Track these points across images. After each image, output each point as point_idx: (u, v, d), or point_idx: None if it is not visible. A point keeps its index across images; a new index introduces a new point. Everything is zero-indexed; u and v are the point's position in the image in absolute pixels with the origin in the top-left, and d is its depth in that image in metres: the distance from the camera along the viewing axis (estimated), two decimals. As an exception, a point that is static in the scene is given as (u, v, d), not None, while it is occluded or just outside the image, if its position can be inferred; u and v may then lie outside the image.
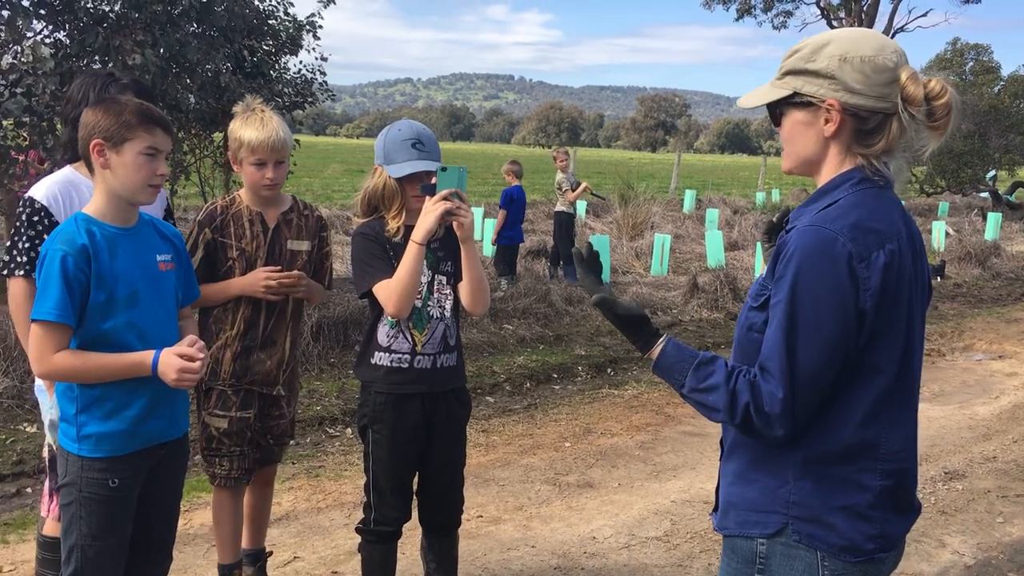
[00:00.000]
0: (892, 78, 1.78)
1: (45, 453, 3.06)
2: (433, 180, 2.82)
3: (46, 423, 2.98)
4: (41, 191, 2.93)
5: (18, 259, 2.87)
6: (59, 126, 3.20)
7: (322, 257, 3.41)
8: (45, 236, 2.82)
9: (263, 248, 3.23)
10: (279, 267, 3.22)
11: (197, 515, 4.29)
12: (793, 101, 1.86)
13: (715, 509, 2.03)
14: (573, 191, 11.54)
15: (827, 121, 1.82)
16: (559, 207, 11.58)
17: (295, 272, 3.22)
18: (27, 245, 2.87)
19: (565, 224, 11.43)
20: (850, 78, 1.78)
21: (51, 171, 3.14)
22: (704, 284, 10.49)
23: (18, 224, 2.91)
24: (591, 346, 8.24)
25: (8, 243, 2.93)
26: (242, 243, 3.22)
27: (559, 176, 11.69)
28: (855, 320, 1.73)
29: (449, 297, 3.05)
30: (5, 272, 2.91)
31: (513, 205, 10.68)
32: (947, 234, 16.19)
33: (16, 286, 2.89)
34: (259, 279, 3.17)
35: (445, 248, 3.04)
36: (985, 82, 24.77)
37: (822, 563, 1.80)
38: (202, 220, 3.22)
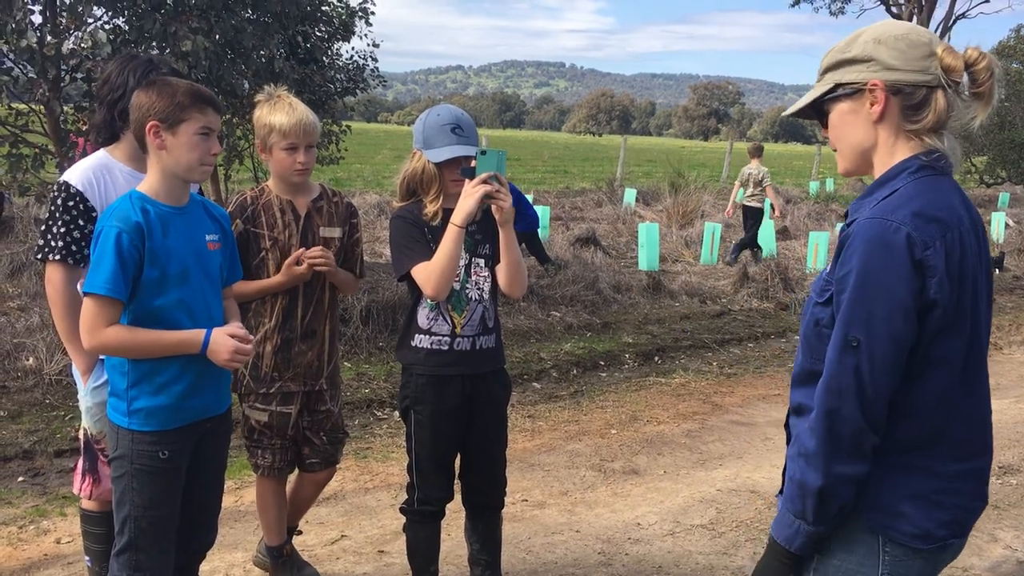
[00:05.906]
0: (928, 52, 1.80)
1: (80, 435, 3.08)
2: (473, 163, 2.83)
3: (82, 408, 3.00)
4: (76, 175, 2.87)
5: (52, 244, 2.84)
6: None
7: (353, 244, 3.37)
8: (80, 221, 2.84)
9: (295, 236, 3.21)
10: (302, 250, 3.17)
11: (247, 493, 4.37)
12: (837, 95, 1.88)
13: (781, 492, 2.02)
14: (758, 184, 12.02)
15: (872, 104, 1.83)
16: (747, 202, 12.09)
17: (320, 251, 3.17)
18: (63, 230, 2.83)
19: (752, 215, 12.02)
20: (886, 56, 1.81)
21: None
22: (754, 274, 10.39)
23: (53, 209, 2.86)
24: (638, 334, 8.20)
25: (43, 228, 2.89)
26: (274, 232, 3.20)
27: (756, 170, 12.07)
28: (919, 309, 1.71)
29: (487, 280, 3.06)
30: (40, 257, 2.88)
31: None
32: (1007, 225, 15.80)
33: (53, 271, 2.86)
34: (292, 267, 3.14)
35: (483, 231, 3.06)
36: (1050, 70, 24.08)
37: (883, 547, 1.79)
38: (233, 211, 3.17)
